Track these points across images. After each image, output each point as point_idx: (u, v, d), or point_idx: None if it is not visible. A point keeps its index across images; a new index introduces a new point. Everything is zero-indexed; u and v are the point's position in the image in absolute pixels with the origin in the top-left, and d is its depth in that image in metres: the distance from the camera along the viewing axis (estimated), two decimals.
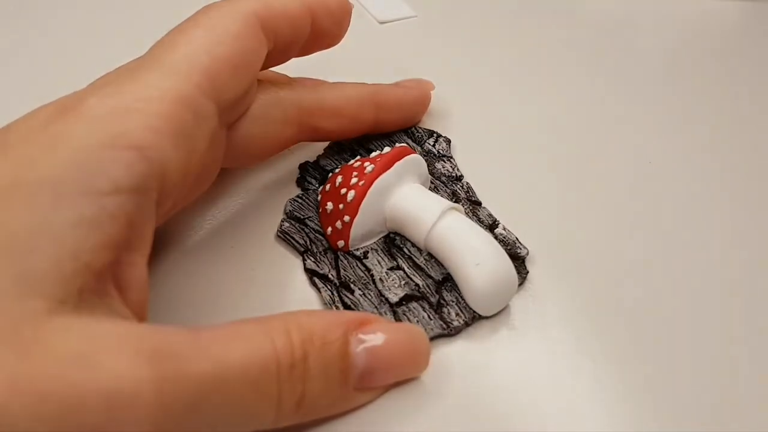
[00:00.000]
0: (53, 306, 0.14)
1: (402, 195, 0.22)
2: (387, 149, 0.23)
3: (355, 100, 0.24)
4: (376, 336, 0.18)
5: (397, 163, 0.22)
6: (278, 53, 0.22)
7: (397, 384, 0.19)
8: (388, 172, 0.22)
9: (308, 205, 0.24)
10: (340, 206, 0.22)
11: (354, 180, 0.22)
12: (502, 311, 0.21)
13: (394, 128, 0.27)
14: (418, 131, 0.27)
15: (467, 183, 0.25)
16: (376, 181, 0.22)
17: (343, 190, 0.22)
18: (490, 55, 0.34)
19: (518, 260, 0.22)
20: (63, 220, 0.15)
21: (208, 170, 0.21)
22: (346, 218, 0.22)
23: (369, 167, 0.22)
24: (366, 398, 0.19)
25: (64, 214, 0.15)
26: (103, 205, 0.16)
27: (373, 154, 0.23)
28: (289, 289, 0.22)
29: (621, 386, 0.20)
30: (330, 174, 0.24)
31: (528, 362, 0.20)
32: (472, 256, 0.20)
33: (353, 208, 0.22)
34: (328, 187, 0.23)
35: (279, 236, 0.23)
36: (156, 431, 0.14)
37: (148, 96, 0.17)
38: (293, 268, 0.23)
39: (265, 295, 0.22)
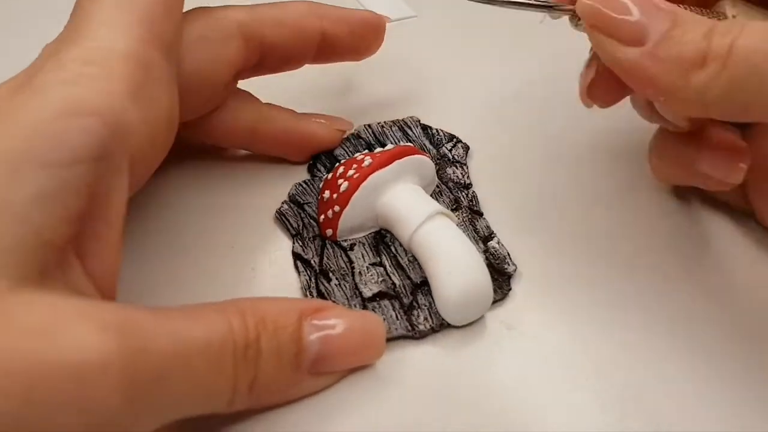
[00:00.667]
0: (15, 283, 0.14)
1: (394, 194, 0.22)
2: (391, 146, 0.23)
3: (295, 10, 0.24)
4: (329, 322, 0.18)
5: (397, 161, 0.22)
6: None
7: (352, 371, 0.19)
8: (384, 168, 0.22)
9: (311, 191, 0.24)
10: (334, 196, 0.22)
11: (351, 172, 0.22)
12: (476, 323, 0.21)
13: (347, 50, 0.25)
14: (438, 134, 0.27)
15: (474, 192, 0.25)
16: (371, 176, 0.22)
17: (340, 181, 0.23)
18: (490, 56, 0.33)
19: (504, 276, 0.22)
20: (23, 196, 0.15)
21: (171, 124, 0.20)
22: (337, 208, 0.22)
23: (367, 161, 0.22)
24: (321, 383, 0.19)
25: (23, 189, 0.15)
26: (64, 177, 0.15)
27: (378, 150, 0.24)
28: (290, 288, 0.22)
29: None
30: (337, 163, 0.25)
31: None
32: (446, 264, 0.20)
33: (344, 199, 0.22)
34: (329, 176, 0.24)
35: (276, 217, 0.24)
36: (124, 404, 0.14)
37: (95, 59, 0.17)
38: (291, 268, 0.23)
39: (263, 292, 0.22)
